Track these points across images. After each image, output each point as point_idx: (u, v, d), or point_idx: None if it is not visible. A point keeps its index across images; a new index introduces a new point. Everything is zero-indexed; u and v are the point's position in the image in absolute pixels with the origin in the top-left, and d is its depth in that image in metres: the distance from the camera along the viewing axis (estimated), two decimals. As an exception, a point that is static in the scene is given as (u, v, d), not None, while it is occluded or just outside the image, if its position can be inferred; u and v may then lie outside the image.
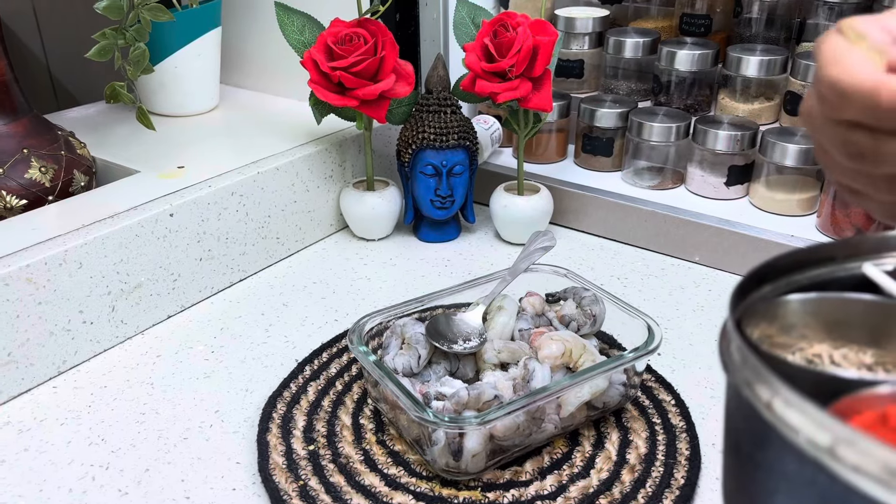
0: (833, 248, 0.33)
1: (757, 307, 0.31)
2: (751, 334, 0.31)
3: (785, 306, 0.32)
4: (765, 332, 0.32)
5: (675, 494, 0.49)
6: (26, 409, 0.58)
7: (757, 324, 0.31)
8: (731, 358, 0.27)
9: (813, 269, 0.33)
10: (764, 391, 0.25)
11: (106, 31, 0.71)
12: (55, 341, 0.61)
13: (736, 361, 0.27)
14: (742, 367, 0.26)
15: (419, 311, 0.60)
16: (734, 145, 0.78)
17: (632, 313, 0.58)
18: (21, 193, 0.68)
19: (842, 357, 0.31)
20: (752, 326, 0.31)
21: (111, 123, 0.89)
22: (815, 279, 0.33)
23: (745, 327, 0.31)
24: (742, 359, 0.26)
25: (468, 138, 0.79)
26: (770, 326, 0.32)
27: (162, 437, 0.56)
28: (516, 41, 0.70)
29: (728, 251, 0.76)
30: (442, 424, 0.47)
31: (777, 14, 0.88)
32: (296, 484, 0.50)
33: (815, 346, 0.32)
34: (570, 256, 0.80)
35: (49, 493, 0.51)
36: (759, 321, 0.32)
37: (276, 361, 0.64)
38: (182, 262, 0.70)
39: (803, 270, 0.33)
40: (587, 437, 0.54)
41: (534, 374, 0.52)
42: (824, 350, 0.32)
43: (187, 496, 0.50)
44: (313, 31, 0.76)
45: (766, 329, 0.32)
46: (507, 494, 0.49)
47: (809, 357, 0.32)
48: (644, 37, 0.90)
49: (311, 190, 0.81)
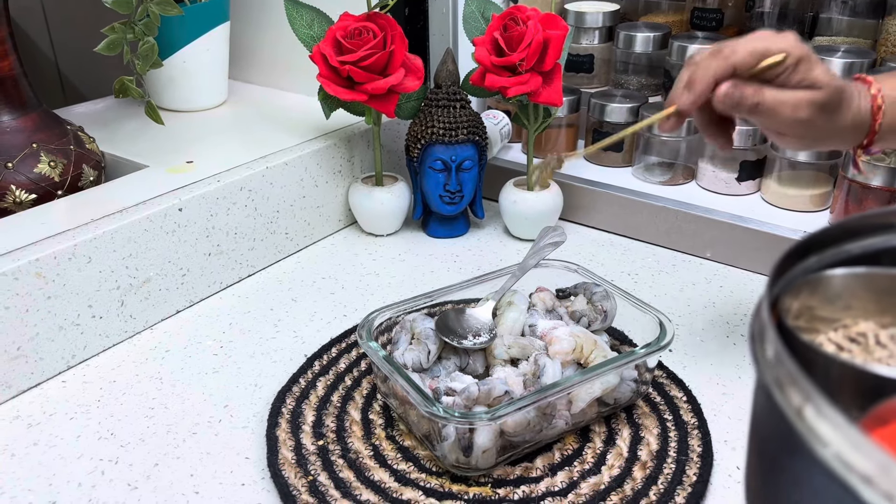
0: (889, 216, 0.31)
1: (798, 280, 0.30)
2: (789, 306, 0.29)
3: (829, 280, 0.30)
4: (805, 304, 0.30)
5: (687, 491, 0.49)
6: (36, 404, 0.58)
7: (797, 294, 0.30)
8: (763, 351, 0.25)
9: (866, 237, 0.31)
10: (795, 396, 0.23)
11: (115, 25, 0.71)
12: (64, 336, 0.61)
13: (768, 357, 0.25)
14: (775, 364, 0.24)
15: (429, 306, 0.60)
16: (746, 140, 0.78)
17: (643, 309, 0.57)
18: (30, 188, 0.68)
19: (889, 338, 0.29)
20: (792, 297, 0.29)
21: (120, 118, 0.89)
22: (868, 248, 0.31)
23: (784, 299, 0.29)
24: (775, 355, 0.24)
25: (477, 133, 0.79)
26: (812, 297, 0.30)
27: (171, 431, 0.56)
28: (526, 35, 0.69)
29: (740, 247, 0.75)
30: (452, 420, 0.47)
31: (789, 8, 0.87)
32: (305, 479, 0.50)
33: (861, 323, 0.30)
34: (580, 252, 0.79)
35: (58, 487, 0.50)
36: (800, 292, 0.30)
37: (284, 356, 0.63)
38: (191, 257, 0.70)
39: (855, 239, 0.31)
40: (598, 434, 0.54)
41: (544, 370, 0.52)
42: (870, 329, 0.30)
43: (196, 491, 0.50)
44: (322, 25, 0.76)
45: (807, 300, 0.30)
46: (518, 491, 0.49)
47: (853, 335, 0.30)
48: (655, 31, 0.90)
49: (319, 185, 0.81)
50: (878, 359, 0.29)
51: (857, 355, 0.30)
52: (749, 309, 0.70)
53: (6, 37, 0.68)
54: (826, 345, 0.30)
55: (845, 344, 0.30)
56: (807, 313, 0.30)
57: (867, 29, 0.84)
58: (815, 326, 0.30)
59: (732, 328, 0.67)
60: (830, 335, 0.30)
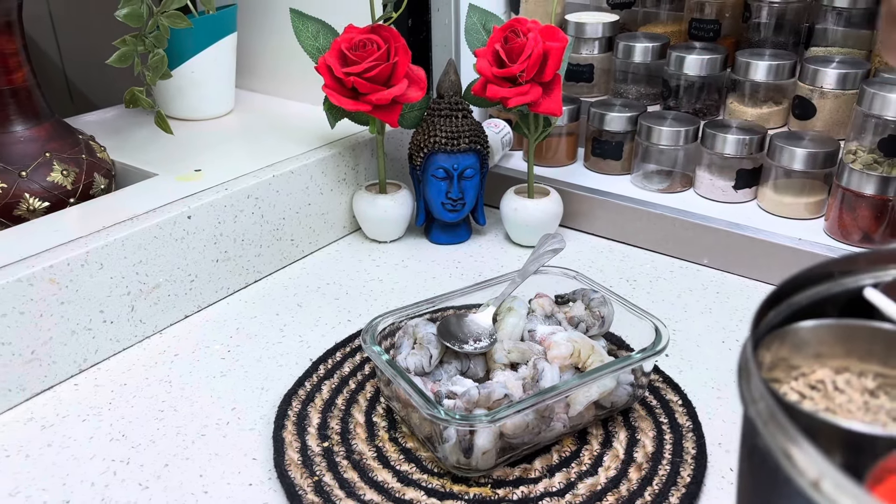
0: (830, 266, 0.34)
1: (767, 336, 0.32)
2: (762, 358, 0.31)
3: (796, 332, 0.32)
4: (777, 356, 0.32)
5: (681, 492, 0.50)
6: (49, 406, 0.60)
7: (769, 347, 0.32)
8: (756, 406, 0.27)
9: (811, 287, 0.33)
10: (809, 467, 0.24)
11: (126, 37, 0.73)
12: (77, 340, 0.63)
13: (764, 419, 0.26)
14: (772, 428, 0.26)
15: (431, 311, 0.62)
16: (742, 149, 0.79)
17: (640, 315, 0.59)
18: (43, 196, 0.70)
19: (844, 383, 0.32)
20: (765, 350, 0.32)
21: (129, 127, 0.90)
22: (814, 298, 0.33)
23: (757, 353, 0.31)
24: (772, 419, 0.26)
25: (479, 142, 0.80)
26: (782, 348, 0.32)
27: (180, 433, 0.57)
28: (527, 47, 0.71)
29: (736, 254, 0.77)
30: (453, 422, 0.48)
31: (786, 19, 0.89)
32: (311, 479, 0.51)
33: (818, 370, 0.32)
34: (579, 259, 0.81)
35: (72, 487, 0.52)
36: (772, 344, 0.32)
37: (290, 360, 0.65)
38: (199, 264, 0.71)
39: (802, 290, 0.33)
40: (595, 436, 0.55)
41: (543, 374, 0.53)
42: (826, 375, 0.32)
43: (205, 490, 0.52)
44: (327, 37, 0.78)
45: (778, 351, 0.32)
46: (517, 491, 0.51)
47: (812, 383, 0.32)
48: (653, 42, 0.91)
49: (324, 193, 0.82)
50: (838, 404, 0.31)
51: (819, 402, 0.31)
52: (745, 315, 0.71)
53: (20, 49, 0.70)
54: (790, 394, 0.32)
55: (806, 392, 0.32)
56: (781, 364, 0.32)
57: (861, 39, 0.85)
58: (777, 376, 0.32)
59: (728, 334, 0.68)
60: (792, 384, 0.32)
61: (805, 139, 0.77)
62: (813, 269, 0.33)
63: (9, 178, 0.68)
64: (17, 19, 0.69)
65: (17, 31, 0.69)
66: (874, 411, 0.31)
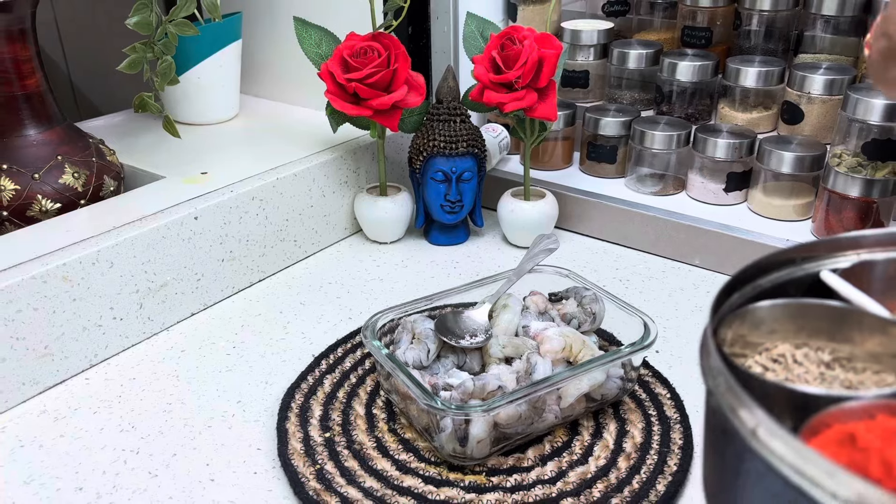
0: (791, 252, 0.36)
1: (727, 314, 0.35)
2: (724, 335, 0.34)
3: (754, 311, 0.35)
4: (737, 333, 0.35)
5: (667, 480, 0.52)
6: (61, 399, 0.62)
7: (729, 325, 0.35)
8: (714, 379, 0.30)
9: (774, 272, 0.36)
10: (749, 418, 0.28)
11: (136, 45, 0.75)
12: (88, 336, 0.65)
13: (719, 385, 0.30)
14: (726, 392, 0.29)
15: (429, 308, 0.64)
16: (733, 153, 0.81)
17: (630, 311, 0.61)
18: (55, 197, 0.72)
19: (803, 356, 0.35)
20: (726, 328, 0.35)
21: (137, 131, 0.93)
22: (777, 281, 0.36)
23: (720, 331, 0.34)
24: (726, 385, 0.29)
25: (477, 146, 0.83)
26: (742, 326, 0.35)
27: (187, 424, 0.59)
28: (522, 54, 0.74)
29: (727, 255, 0.79)
30: (449, 412, 0.51)
31: (775, 27, 0.91)
32: (313, 468, 0.54)
33: (779, 345, 0.35)
34: (574, 259, 0.83)
35: (84, 475, 0.54)
36: (732, 323, 0.35)
37: (293, 356, 0.67)
38: (205, 263, 0.74)
39: (766, 275, 0.36)
40: (586, 427, 0.58)
41: (536, 367, 0.56)
42: (787, 350, 0.35)
43: (212, 478, 0.54)
44: (330, 44, 0.80)
45: (738, 329, 0.35)
46: (510, 479, 0.53)
47: (774, 356, 0.35)
48: (647, 48, 0.94)
49: (326, 195, 0.85)
50: (797, 375, 0.34)
51: (780, 373, 0.34)
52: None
53: (33, 55, 0.73)
54: (754, 367, 0.35)
55: (769, 365, 0.34)
56: (740, 341, 0.35)
57: (849, 46, 0.88)
58: (744, 352, 0.35)
59: (717, 331, 0.70)
60: (756, 358, 0.35)
61: (793, 143, 0.80)
62: (775, 255, 0.36)
63: (22, 180, 0.71)
64: (30, 27, 0.72)
65: (30, 38, 0.72)
66: (829, 381, 0.33)
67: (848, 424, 0.29)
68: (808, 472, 0.25)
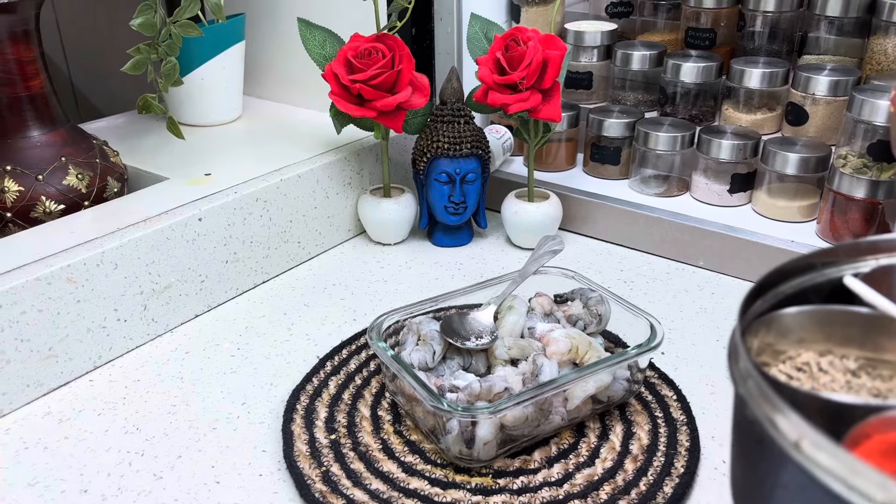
0: (812, 257, 0.36)
1: (753, 322, 0.34)
2: (751, 344, 0.34)
3: (780, 318, 0.35)
4: (764, 341, 0.34)
5: (674, 482, 0.52)
6: (66, 401, 0.62)
7: (755, 333, 0.34)
8: (746, 385, 0.29)
9: (796, 278, 0.36)
10: (790, 430, 0.26)
11: (140, 46, 0.75)
12: (92, 337, 0.65)
13: (751, 391, 0.29)
14: (760, 400, 0.28)
15: (434, 310, 0.64)
16: (737, 154, 0.81)
17: (636, 313, 0.61)
18: (59, 199, 0.72)
19: (828, 364, 0.34)
20: (752, 336, 0.34)
21: (141, 133, 0.93)
22: (798, 287, 0.36)
23: (745, 339, 0.34)
24: (759, 391, 0.28)
25: (481, 147, 0.83)
26: (768, 334, 0.34)
27: (192, 426, 0.59)
28: (527, 55, 0.73)
29: (731, 256, 0.79)
30: (456, 414, 0.50)
31: (779, 28, 0.91)
32: (319, 470, 0.54)
33: (803, 354, 0.35)
34: (578, 261, 0.83)
35: (89, 477, 0.54)
36: (758, 331, 0.34)
37: (298, 358, 0.67)
38: (209, 264, 0.73)
39: (788, 280, 0.36)
40: (593, 429, 0.57)
41: (542, 369, 0.55)
42: (811, 358, 0.34)
43: (217, 481, 0.54)
44: (334, 45, 0.80)
45: (764, 337, 0.34)
46: (517, 481, 0.53)
47: (798, 365, 0.34)
48: (651, 50, 0.94)
49: (330, 196, 0.85)
50: (823, 384, 0.33)
51: (806, 382, 0.34)
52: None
53: (37, 56, 0.73)
54: (778, 376, 0.34)
55: (794, 374, 0.34)
56: (767, 349, 0.34)
57: (853, 48, 0.88)
58: (767, 361, 0.35)
59: (722, 333, 0.70)
60: (780, 367, 0.34)
61: (798, 145, 0.80)
62: (797, 261, 0.35)
63: (26, 181, 0.71)
64: (34, 28, 0.72)
65: (34, 40, 0.72)
66: (856, 389, 0.33)
67: (889, 434, 0.28)
68: (859, 485, 0.24)
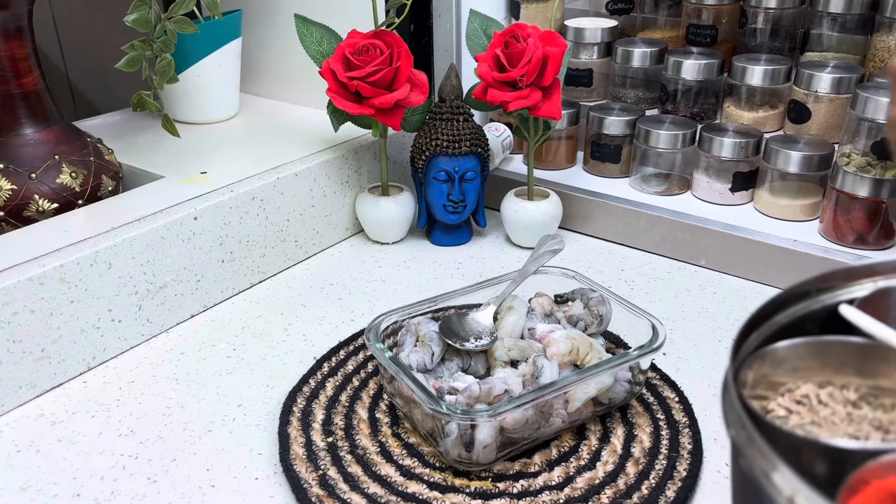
0: (806, 285, 0.35)
1: (748, 356, 0.33)
2: (745, 377, 0.33)
3: (774, 352, 0.34)
4: (759, 373, 0.33)
5: (677, 486, 0.51)
6: (58, 403, 0.61)
7: (750, 366, 0.33)
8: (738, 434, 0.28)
9: (791, 307, 0.35)
10: (784, 485, 0.26)
11: (135, 42, 0.74)
12: (86, 338, 0.64)
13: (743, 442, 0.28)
14: (753, 452, 0.27)
15: (432, 310, 0.63)
16: (739, 152, 0.80)
17: (637, 313, 0.60)
18: (52, 197, 0.71)
19: (828, 396, 0.33)
20: (747, 369, 0.33)
21: (136, 131, 0.92)
22: (793, 316, 0.35)
23: (741, 372, 0.33)
24: (758, 451, 0.27)
25: (480, 145, 0.82)
26: (763, 366, 0.34)
27: (187, 429, 0.58)
28: (527, 52, 0.73)
29: (733, 255, 0.78)
30: (455, 416, 0.50)
31: (781, 25, 0.90)
32: (315, 473, 0.53)
33: (802, 386, 0.34)
34: (578, 260, 0.82)
35: (82, 481, 0.53)
36: (752, 364, 0.33)
37: (295, 359, 0.66)
38: (205, 264, 0.73)
39: (782, 310, 0.35)
40: (594, 432, 0.57)
41: (542, 371, 0.55)
42: (810, 390, 0.33)
43: (212, 484, 0.53)
44: (331, 42, 0.79)
45: (759, 369, 0.33)
46: (517, 485, 0.52)
47: (798, 398, 0.33)
48: (651, 47, 0.93)
49: (328, 195, 0.84)
50: (823, 417, 0.32)
51: (805, 416, 0.33)
52: (741, 315, 0.72)
53: (30, 53, 0.72)
54: (777, 409, 0.33)
55: (793, 407, 0.33)
56: (763, 381, 0.33)
57: (856, 45, 0.87)
58: (765, 394, 0.34)
59: (724, 333, 0.69)
60: (779, 400, 0.33)
61: (800, 142, 0.79)
62: (791, 290, 0.34)
63: (18, 180, 0.70)
64: (27, 24, 0.71)
65: (27, 36, 0.71)
66: (857, 421, 0.32)
67: (887, 480, 0.27)
68: None
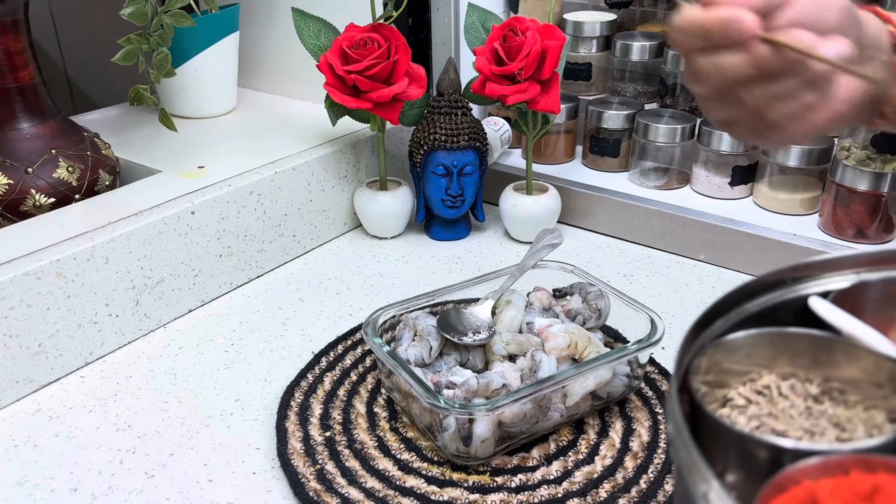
0: (782, 273, 0.34)
1: (706, 346, 0.32)
2: (699, 364, 0.32)
3: (731, 342, 0.33)
4: (712, 360, 0.33)
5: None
6: (56, 398, 0.61)
7: (704, 353, 0.32)
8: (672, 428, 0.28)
9: (763, 295, 0.34)
10: (701, 484, 0.26)
11: (131, 36, 0.74)
12: (83, 333, 0.64)
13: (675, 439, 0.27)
14: (682, 450, 0.27)
15: (430, 305, 0.63)
16: (738, 146, 0.80)
17: (636, 307, 0.60)
18: (49, 192, 0.71)
19: (789, 388, 0.32)
20: (700, 356, 0.32)
21: (133, 125, 0.91)
22: (765, 305, 0.34)
23: (694, 361, 0.32)
24: (683, 445, 0.27)
25: (478, 139, 0.82)
26: (716, 353, 0.33)
27: (185, 424, 0.58)
28: (525, 45, 0.72)
29: (732, 249, 0.78)
30: (453, 411, 0.49)
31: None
32: (313, 468, 0.53)
33: (765, 376, 0.33)
34: (577, 255, 0.82)
35: (79, 476, 0.53)
36: (706, 352, 0.32)
37: (293, 353, 0.66)
38: (202, 259, 0.72)
39: (753, 298, 0.34)
40: (592, 426, 0.56)
41: (540, 365, 0.54)
42: (773, 381, 0.33)
43: (210, 479, 0.53)
44: (329, 35, 0.79)
45: (712, 356, 0.33)
46: (515, 479, 0.52)
47: (759, 388, 0.32)
48: (650, 40, 0.92)
49: (326, 189, 0.84)
50: (781, 409, 0.32)
51: (764, 407, 0.32)
52: (740, 309, 0.72)
53: (26, 47, 0.71)
54: (737, 398, 0.33)
55: (753, 397, 0.32)
56: (714, 368, 0.32)
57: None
58: (726, 381, 0.33)
59: (723, 327, 0.69)
60: (740, 389, 0.32)
61: (800, 136, 0.78)
62: (766, 277, 0.33)
63: (15, 174, 0.70)
64: (23, 18, 0.70)
65: (23, 30, 0.71)
66: (816, 416, 0.31)
67: (818, 482, 0.27)
68: None
